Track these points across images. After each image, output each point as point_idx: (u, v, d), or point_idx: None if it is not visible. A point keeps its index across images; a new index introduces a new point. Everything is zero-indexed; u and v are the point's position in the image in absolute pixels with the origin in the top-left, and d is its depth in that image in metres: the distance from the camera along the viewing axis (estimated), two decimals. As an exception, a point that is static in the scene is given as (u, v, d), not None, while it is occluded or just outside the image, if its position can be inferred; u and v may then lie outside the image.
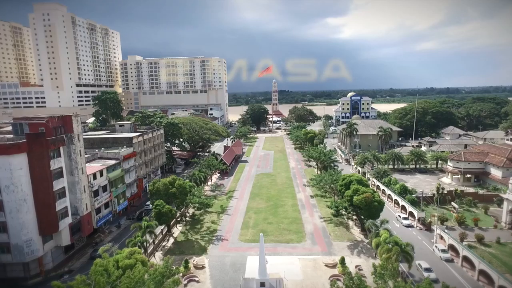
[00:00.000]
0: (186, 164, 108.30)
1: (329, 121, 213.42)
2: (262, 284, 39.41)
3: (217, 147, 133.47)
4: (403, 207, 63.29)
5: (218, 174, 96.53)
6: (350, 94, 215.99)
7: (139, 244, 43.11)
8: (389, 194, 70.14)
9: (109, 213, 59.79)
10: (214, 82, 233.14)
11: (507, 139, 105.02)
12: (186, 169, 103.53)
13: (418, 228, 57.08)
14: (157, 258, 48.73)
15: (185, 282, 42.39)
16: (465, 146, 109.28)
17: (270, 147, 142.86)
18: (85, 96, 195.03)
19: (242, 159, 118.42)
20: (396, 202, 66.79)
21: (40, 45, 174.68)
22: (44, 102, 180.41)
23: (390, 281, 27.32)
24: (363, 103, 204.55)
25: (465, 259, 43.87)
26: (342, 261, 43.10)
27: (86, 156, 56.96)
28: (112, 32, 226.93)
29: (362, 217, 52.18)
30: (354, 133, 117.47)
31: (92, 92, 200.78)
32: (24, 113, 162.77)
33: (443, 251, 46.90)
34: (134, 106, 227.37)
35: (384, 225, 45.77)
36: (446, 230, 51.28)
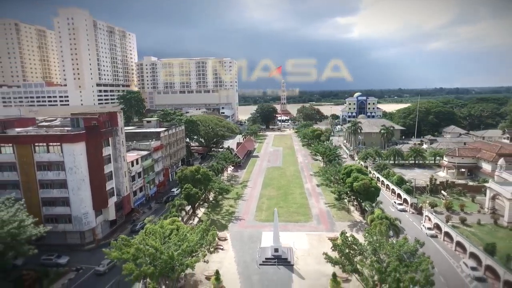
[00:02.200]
0: (202, 158, 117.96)
1: (336, 120, 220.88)
2: (276, 250, 48.37)
3: (230, 143, 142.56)
4: (399, 195, 71.52)
5: (232, 168, 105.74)
6: (356, 94, 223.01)
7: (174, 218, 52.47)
8: (387, 184, 78.34)
9: (143, 196, 69.60)
10: (225, 82, 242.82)
11: (504, 138, 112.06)
12: (202, 163, 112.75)
13: (410, 212, 65.32)
14: (187, 232, 58.09)
15: (212, 249, 51.53)
16: (464, 144, 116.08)
17: (279, 144, 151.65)
18: (104, 95, 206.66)
19: (253, 155, 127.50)
20: (393, 191, 75.00)
21: (64, 47, 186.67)
22: (68, 101, 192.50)
23: (375, 237, 35.91)
24: (369, 103, 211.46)
25: (446, 234, 52.13)
26: (342, 234, 51.64)
27: (124, 147, 66.67)
28: (129, 34, 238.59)
29: (361, 200, 60.65)
30: (359, 131, 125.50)
31: (111, 91, 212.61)
32: (49, 111, 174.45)
33: (429, 228, 55.24)
34: (149, 104, 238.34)
35: (379, 205, 54.23)
36: (433, 213, 59.45)
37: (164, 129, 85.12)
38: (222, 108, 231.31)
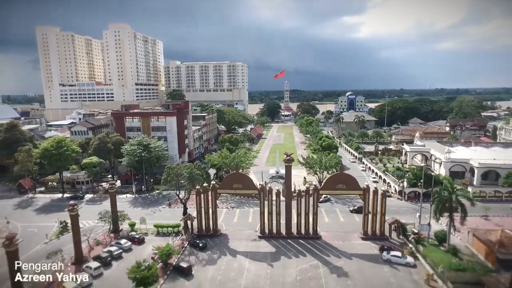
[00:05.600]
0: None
1: (330, 115, 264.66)
2: (277, 172, 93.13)
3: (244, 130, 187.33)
4: (353, 154, 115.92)
5: (248, 143, 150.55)
6: (347, 93, 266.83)
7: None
8: (349, 150, 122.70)
9: (198, 153, 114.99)
10: (238, 82, 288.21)
11: (446, 126, 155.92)
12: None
13: (358, 163, 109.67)
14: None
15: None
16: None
17: (282, 131, 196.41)
18: (140, 93, 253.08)
19: (262, 137, 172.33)
20: (352, 154, 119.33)
21: (111, 54, 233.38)
22: (113, 97, 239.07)
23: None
24: (357, 101, 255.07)
25: (369, 168, 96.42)
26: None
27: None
28: (158, 42, 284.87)
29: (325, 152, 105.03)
30: (341, 120, 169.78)
31: (145, 89, 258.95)
32: (97, 105, 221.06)
33: (363, 167, 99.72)
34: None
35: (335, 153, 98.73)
36: (367, 161, 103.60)
37: (206, 113, 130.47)
38: (236, 104, 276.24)
